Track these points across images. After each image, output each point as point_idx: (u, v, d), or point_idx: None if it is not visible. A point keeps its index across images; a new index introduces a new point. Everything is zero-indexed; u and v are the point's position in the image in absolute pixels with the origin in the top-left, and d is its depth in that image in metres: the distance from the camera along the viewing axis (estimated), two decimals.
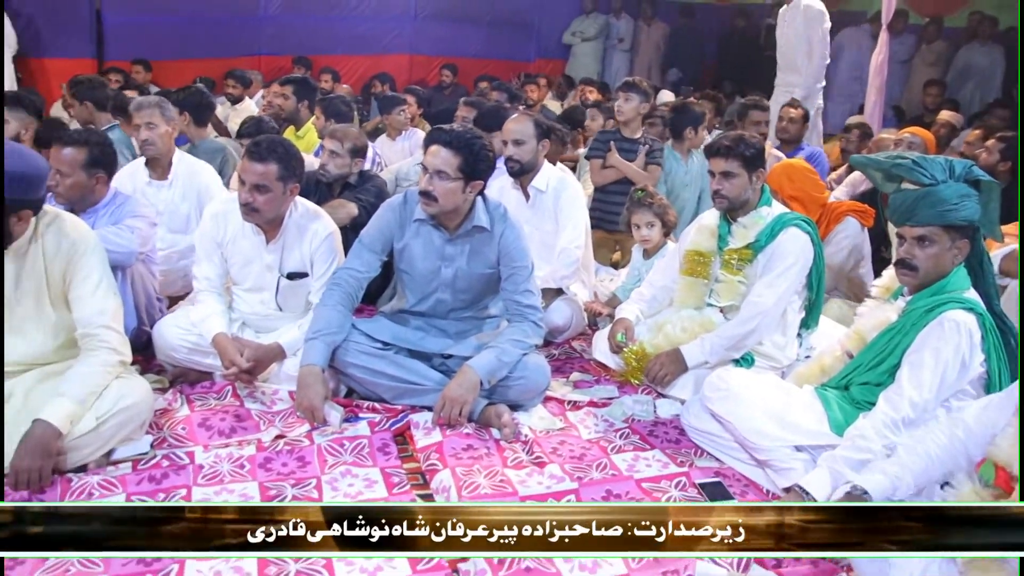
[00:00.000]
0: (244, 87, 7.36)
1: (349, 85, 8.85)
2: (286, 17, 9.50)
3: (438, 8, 9.96)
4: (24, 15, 8.41)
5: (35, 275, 2.56)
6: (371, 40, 9.81)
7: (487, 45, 10.23)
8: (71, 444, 2.46)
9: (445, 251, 2.99)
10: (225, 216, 3.10)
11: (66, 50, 8.69)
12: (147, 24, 8.88)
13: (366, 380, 2.94)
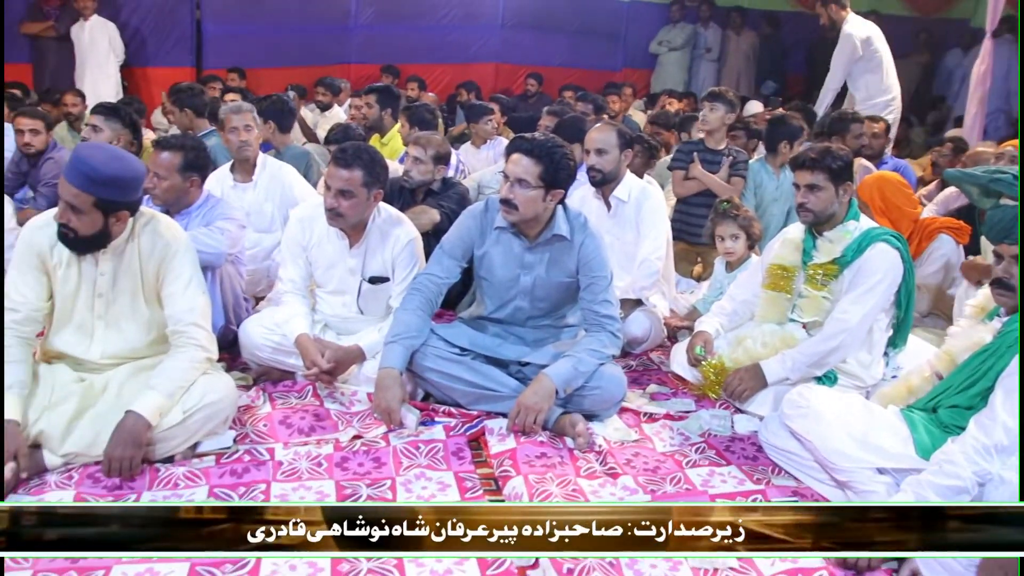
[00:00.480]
0: (333, 95, 7.54)
1: (435, 93, 8.97)
2: (375, 27, 9.71)
3: (525, 17, 10.02)
4: (131, 27, 8.82)
5: (131, 273, 2.68)
6: (458, 49, 9.95)
7: (573, 54, 10.24)
8: (159, 436, 2.56)
9: (524, 259, 3.00)
10: (311, 220, 3.18)
11: (168, 59, 9.08)
12: (243, 34, 9.20)
13: (443, 385, 2.97)
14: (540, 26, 10.13)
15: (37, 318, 2.65)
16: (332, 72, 8.73)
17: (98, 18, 8.34)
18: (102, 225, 2.53)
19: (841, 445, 2.51)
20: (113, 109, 4.35)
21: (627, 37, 10.59)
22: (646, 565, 2.18)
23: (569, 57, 10.23)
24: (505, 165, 2.90)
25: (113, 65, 8.51)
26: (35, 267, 2.63)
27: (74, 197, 2.46)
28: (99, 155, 2.51)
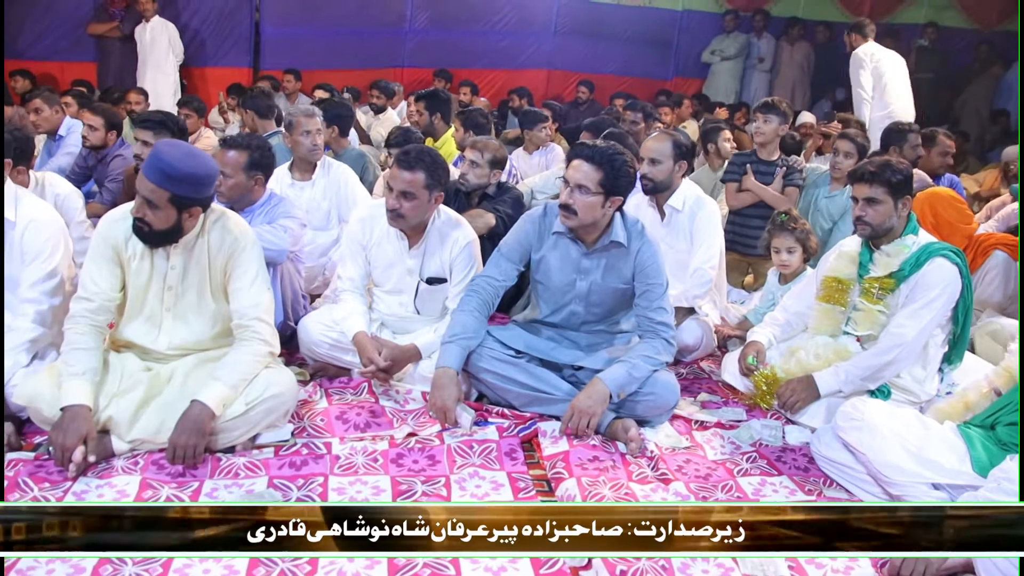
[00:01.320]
0: (387, 98, 7.65)
1: (486, 98, 9.05)
2: (429, 31, 9.85)
3: (577, 24, 10.06)
4: (192, 28, 9.05)
5: (200, 268, 2.76)
6: (510, 54, 10.03)
7: (625, 62, 10.26)
8: (222, 426, 2.64)
9: (581, 264, 3.03)
10: (371, 220, 3.25)
11: (226, 60, 9.32)
12: (300, 36, 9.40)
13: (497, 386, 3.01)
14: (592, 33, 10.16)
15: (109, 308, 2.75)
16: (386, 75, 8.86)
17: (159, 19, 8.59)
18: (175, 220, 2.61)
19: (896, 459, 2.50)
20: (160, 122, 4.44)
21: (679, 46, 10.58)
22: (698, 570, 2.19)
23: (621, 65, 10.25)
24: (566, 171, 2.94)
25: (172, 65, 8.74)
26: (110, 259, 2.72)
27: (151, 192, 2.55)
28: (176, 153, 2.59)
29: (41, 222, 2.93)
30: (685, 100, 8.92)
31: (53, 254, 2.92)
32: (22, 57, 8.75)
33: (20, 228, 2.89)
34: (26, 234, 2.89)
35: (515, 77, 9.81)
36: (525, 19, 10.04)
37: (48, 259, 2.91)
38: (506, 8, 9.94)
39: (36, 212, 2.96)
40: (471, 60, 9.86)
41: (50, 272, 2.90)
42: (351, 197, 4.19)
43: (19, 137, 3.63)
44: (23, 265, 2.89)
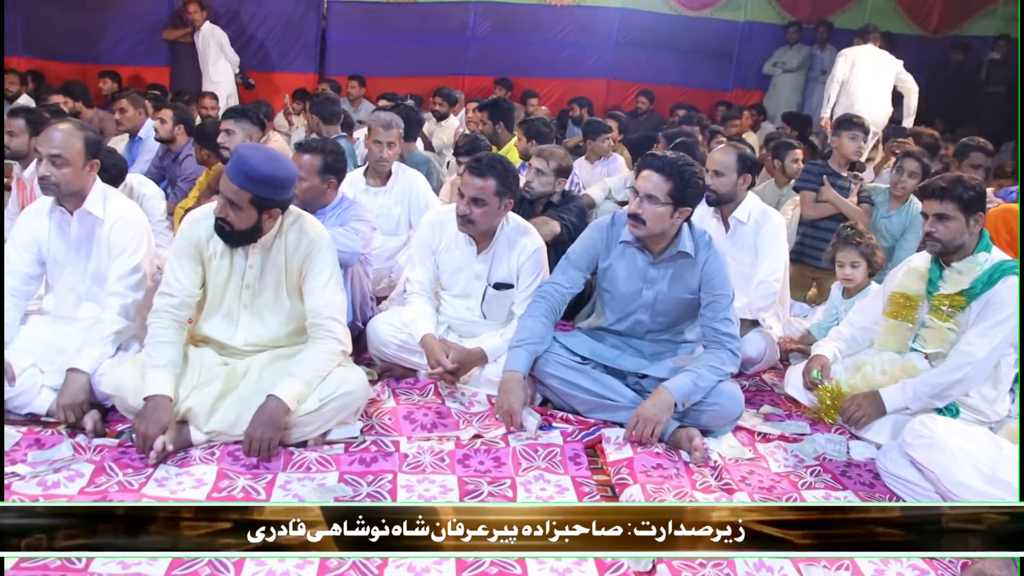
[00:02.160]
0: (450, 105, 7.75)
1: (547, 107, 9.10)
2: (491, 40, 9.95)
3: (639, 35, 10.05)
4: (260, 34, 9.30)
5: (277, 267, 2.85)
6: (570, 64, 10.07)
7: (685, 73, 10.22)
8: (296, 421, 2.73)
9: (648, 274, 3.06)
10: (441, 226, 3.32)
11: (292, 65, 9.55)
12: (364, 43, 9.59)
13: (562, 391, 3.05)
14: (653, 44, 10.14)
15: (190, 304, 2.85)
16: (447, 83, 8.95)
17: (209, 25, 8.74)
18: (256, 221, 2.71)
19: (966, 478, 2.47)
20: (242, 111, 4.63)
21: (740, 57, 10.50)
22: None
23: (681, 76, 10.21)
24: (635, 181, 2.97)
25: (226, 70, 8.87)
26: (192, 257, 2.83)
27: (234, 194, 2.65)
28: (258, 156, 2.68)
29: (127, 220, 3.07)
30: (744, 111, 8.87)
31: (137, 250, 3.05)
32: (100, 61, 9.13)
33: (108, 225, 3.04)
34: (113, 231, 3.03)
35: (575, 87, 9.85)
36: (586, 29, 10.07)
37: (132, 255, 3.04)
38: (567, 18, 9.98)
39: (123, 211, 3.09)
40: (532, 69, 9.93)
41: (134, 267, 3.04)
42: (423, 204, 4.28)
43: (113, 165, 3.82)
44: (110, 260, 3.04)
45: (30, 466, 2.62)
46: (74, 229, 3.05)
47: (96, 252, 3.06)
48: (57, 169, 2.92)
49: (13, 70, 8.41)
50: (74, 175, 2.94)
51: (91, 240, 3.06)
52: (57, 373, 2.93)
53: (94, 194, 3.03)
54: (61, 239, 3.07)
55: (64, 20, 9.19)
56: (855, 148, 4.75)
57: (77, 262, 3.09)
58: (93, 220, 3.04)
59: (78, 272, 3.10)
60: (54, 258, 3.10)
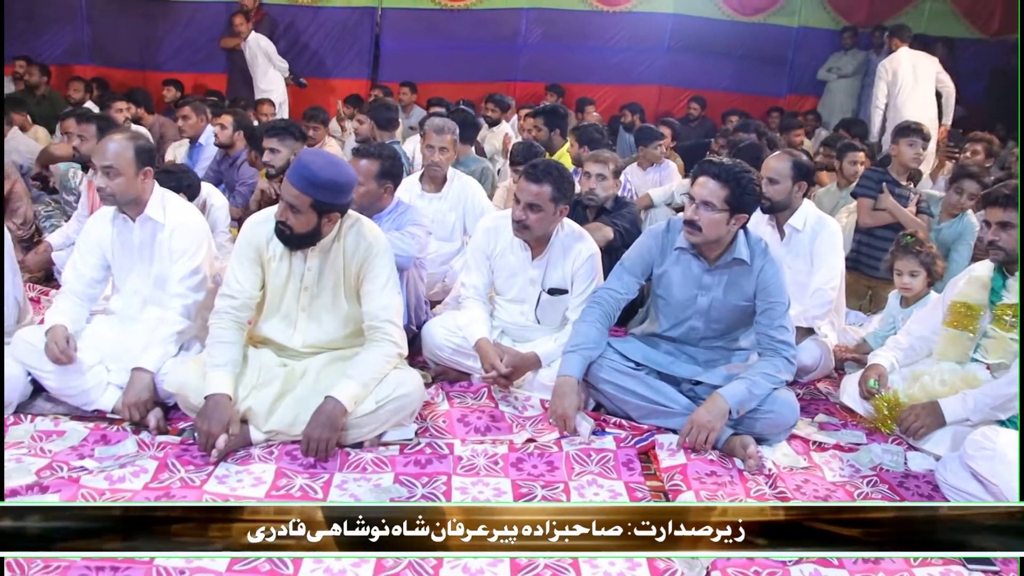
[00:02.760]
0: (502, 111, 7.78)
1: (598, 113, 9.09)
2: (542, 46, 9.97)
3: (691, 41, 9.98)
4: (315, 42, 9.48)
5: (335, 270, 2.90)
6: (622, 70, 10.04)
7: (738, 79, 10.12)
8: (352, 422, 2.77)
9: (703, 280, 3.06)
10: (497, 231, 3.35)
11: (347, 72, 9.71)
12: (417, 50, 9.70)
13: (616, 397, 3.06)
14: (705, 50, 10.07)
15: (250, 305, 2.92)
16: (498, 89, 9.00)
17: (254, 36, 8.85)
18: (315, 224, 2.76)
19: None
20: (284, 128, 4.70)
21: (794, 63, 10.37)
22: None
23: (733, 82, 10.12)
24: (691, 187, 2.97)
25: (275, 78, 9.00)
26: (252, 259, 2.90)
27: (294, 198, 2.70)
28: (319, 161, 2.74)
29: (187, 224, 3.16)
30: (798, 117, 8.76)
31: (197, 253, 3.13)
32: (160, 69, 9.41)
33: (168, 230, 3.12)
34: (174, 235, 3.12)
35: (626, 92, 9.82)
36: (638, 35, 10.04)
37: (193, 257, 3.12)
38: (620, 24, 9.97)
39: (182, 215, 3.18)
40: (583, 75, 9.93)
41: (194, 269, 3.12)
42: (478, 210, 4.31)
43: (192, 184, 3.96)
44: (171, 263, 3.12)
45: (97, 461, 2.71)
46: (136, 234, 3.14)
47: (158, 256, 3.15)
48: (111, 180, 3.01)
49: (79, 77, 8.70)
50: (127, 184, 3.03)
51: (153, 244, 3.15)
52: (122, 372, 3.02)
53: (154, 200, 3.12)
54: (125, 244, 3.17)
55: (128, 30, 9.49)
56: (914, 155, 4.68)
57: (140, 266, 3.18)
58: (154, 225, 3.12)
59: (142, 276, 3.19)
60: (119, 263, 3.20)
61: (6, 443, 2.80)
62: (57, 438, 2.85)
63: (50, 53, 9.31)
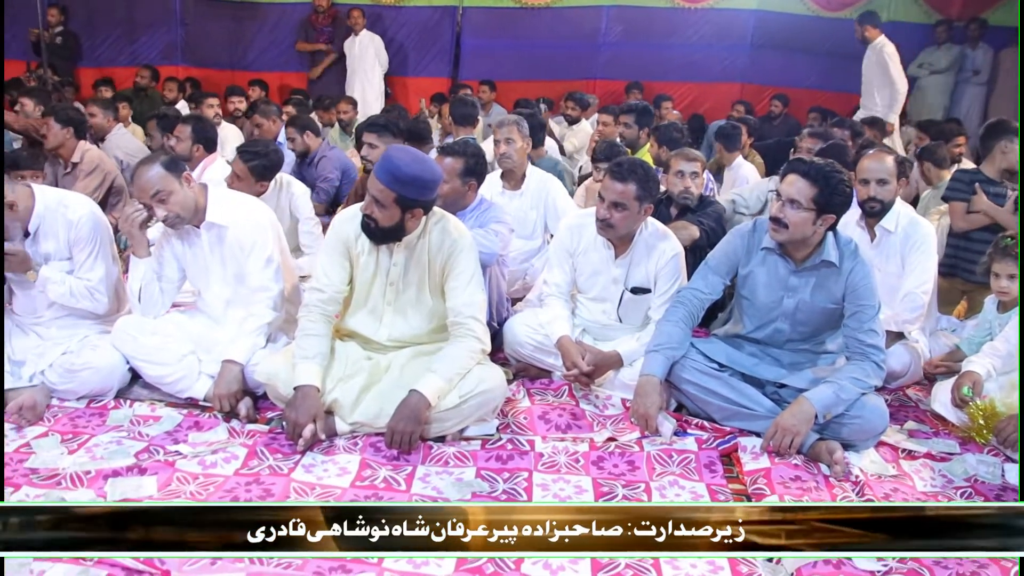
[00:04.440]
0: (582, 109, 7.77)
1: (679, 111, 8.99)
2: (623, 44, 9.91)
3: (775, 37, 9.77)
4: (397, 40, 9.62)
5: (420, 266, 2.94)
6: (703, 67, 9.89)
7: (823, 76, 9.84)
8: (436, 416, 2.81)
9: (789, 282, 3.00)
10: (580, 229, 3.35)
11: (428, 70, 9.84)
12: (497, 48, 9.76)
13: (698, 397, 3.03)
14: (789, 46, 9.85)
15: (338, 299, 2.99)
16: (578, 87, 9.00)
17: (367, 32, 9.19)
18: (399, 219, 2.80)
19: None
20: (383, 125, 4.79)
21: None
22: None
23: (818, 79, 9.84)
24: (780, 185, 2.92)
25: (378, 74, 9.31)
26: (341, 253, 2.96)
27: (379, 192, 2.75)
28: (404, 157, 2.78)
29: (247, 217, 3.20)
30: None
31: (265, 242, 3.18)
32: (248, 69, 9.69)
33: (232, 228, 3.17)
34: (239, 231, 3.17)
35: (707, 90, 9.72)
36: (720, 32, 9.89)
37: (262, 247, 3.17)
38: (702, 21, 9.83)
39: (240, 209, 3.23)
40: (663, 72, 9.83)
41: (268, 259, 3.18)
42: (558, 207, 4.32)
43: (273, 159, 4.05)
44: (245, 259, 3.18)
45: (191, 446, 2.81)
46: (205, 242, 3.20)
47: (232, 256, 3.20)
48: (167, 204, 3.02)
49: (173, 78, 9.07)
50: (180, 199, 3.04)
51: (222, 247, 3.19)
52: (214, 362, 3.12)
53: (212, 204, 3.15)
54: (196, 253, 3.23)
55: (218, 31, 9.83)
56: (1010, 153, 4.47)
57: (216, 270, 3.24)
58: (219, 228, 3.16)
59: (220, 279, 3.25)
60: (194, 271, 3.27)
61: (107, 426, 2.94)
62: (154, 423, 2.98)
63: (146, 55, 9.74)
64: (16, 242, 3.01)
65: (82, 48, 9.62)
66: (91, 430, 2.91)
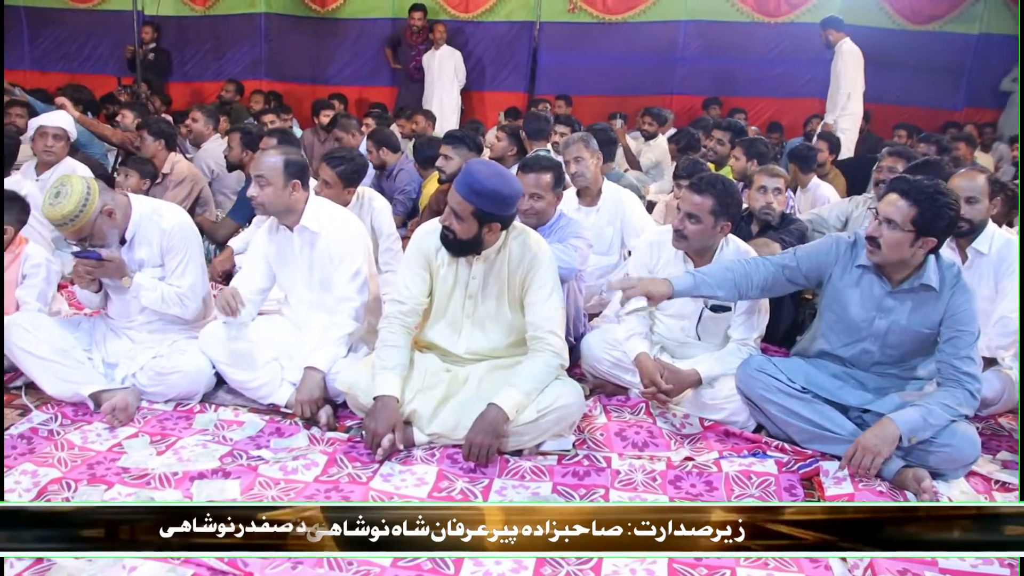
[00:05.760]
0: (659, 124, 7.71)
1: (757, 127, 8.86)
2: (700, 59, 9.82)
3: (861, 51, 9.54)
4: (475, 56, 9.75)
5: (499, 280, 2.96)
6: (783, 82, 9.70)
7: (908, 91, 9.56)
8: (514, 430, 2.81)
9: (884, 303, 2.90)
10: (660, 246, 3.33)
11: (504, 85, 9.95)
12: (573, 63, 9.80)
13: (779, 418, 2.96)
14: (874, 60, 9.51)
15: (418, 311, 3.02)
16: (654, 102, 8.94)
17: (447, 47, 9.35)
18: (476, 232, 2.81)
19: None
20: (460, 138, 4.85)
21: (972, 73, 9.71)
22: None
23: (904, 94, 9.56)
24: (879, 203, 2.84)
25: (456, 89, 9.44)
26: (421, 266, 3.00)
27: (458, 204, 2.77)
28: (485, 171, 2.79)
29: (342, 228, 3.30)
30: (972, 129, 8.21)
31: (356, 256, 3.27)
32: (329, 83, 9.93)
33: (325, 237, 3.26)
34: (331, 242, 3.26)
35: (786, 105, 9.54)
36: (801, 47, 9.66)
37: (352, 261, 3.25)
38: (782, 35, 9.67)
39: (336, 221, 3.31)
40: (741, 87, 9.70)
41: (356, 272, 3.25)
42: (634, 223, 4.29)
43: (358, 164, 4.13)
44: (333, 269, 3.26)
45: (272, 452, 2.87)
46: (296, 245, 3.30)
47: (318, 263, 3.30)
48: (261, 189, 3.18)
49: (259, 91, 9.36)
50: (275, 194, 3.18)
51: (312, 253, 3.29)
52: (296, 369, 3.19)
53: (309, 210, 3.26)
54: (286, 255, 3.33)
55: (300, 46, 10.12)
56: None
57: (303, 275, 3.34)
58: (312, 235, 3.27)
59: (306, 284, 3.35)
60: (283, 273, 3.37)
61: (193, 429, 3.03)
62: (237, 428, 3.05)
63: (231, 70, 10.08)
64: (113, 249, 3.13)
65: (172, 64, 10.00)
66: (178, 432, 3.00)
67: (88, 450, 2.83)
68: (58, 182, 2.99)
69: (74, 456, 2.78)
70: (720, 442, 3.03)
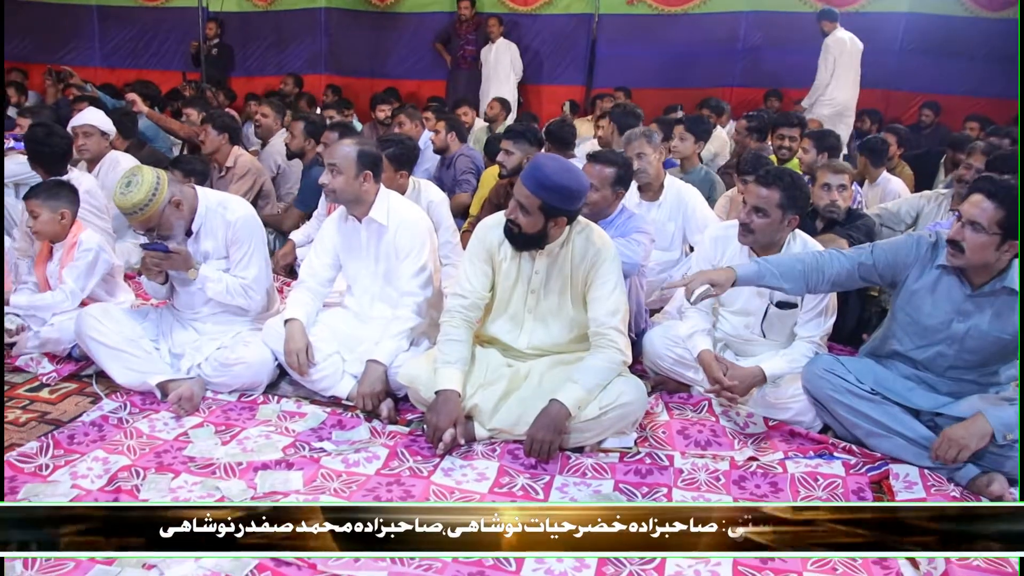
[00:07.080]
0: (717, 116, 7.60)
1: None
2: (761, 50, 9.63)
3: (927, 41, 9.22)
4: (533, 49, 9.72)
5: (562, 275, 2.93)
6: None
7: (979, 82, 9.21)
8: (576, 426, 2.80)
9: (963, 306, 2.77)
10: (725, 240, 3.27)
11: (562, 78, 9.88)
12: (632, 55, 9.69)
13: (847, 419, 2.88)
14: (942, 50, 9.27)
15: (480, 305, 3.01)
16: (714, 94, 8.80)
17: (503, 40, 9.34)
18: (542, 226, 2.79)
19: None
20: (521, 133, 4.84)
21: None
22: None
23: (974, 85, 9.21)
24: (963, 204, 2.72)
25: (512, 82, 9.42)
26: (484, 260, 2.99)
27: (524, 198, 2.75)
28: (552, 165, 2.77)
29: (410, 223, 3.31)
30: None
31: (422, 251, 3.28)
32: (387, 77, 10.02)
33: (392, 229, 3.28)
34: (398, 235, 3.28)
35: None
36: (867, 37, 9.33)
37: (418, 256, 3.26)
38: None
39: (404, 215, 3.33)
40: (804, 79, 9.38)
41: (421, 267, 3.27)
42: (697, 219, 4.23)
43: (408, 147, 4.13)
44: (399, 262, 3.28)
45: (334, 444, 2.90)
46: (363, 235, 3.33)
47: (384, 256, 3.33)
48: (333, 177, 3.21)
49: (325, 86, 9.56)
50: (346, 183, 3.21)
51: (379, 245, 3.32)
52: (357, 362, 3.22)
53: (379, 203, 3.29)
54: (353, 246, 3.37)
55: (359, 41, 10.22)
56: None
57: (369, 266, 3.37)
58: (379, 227, 3.29)
59: (371, 275, 3.38)
60: (348, 263, 3.41)
61: (256, 420, 3.07)
62: (299, 419, 3.08)
63: (292, 64, 10.22)
64: (179, 241, 3.18)
65: (235, 59, 10.18)
66: (242, 423, 3.05)
67: (156, 438, 2.89)
68: (129, 172, 3.06)
69: (142, 444, 2.84)
70: (785, 442, 2.97)
